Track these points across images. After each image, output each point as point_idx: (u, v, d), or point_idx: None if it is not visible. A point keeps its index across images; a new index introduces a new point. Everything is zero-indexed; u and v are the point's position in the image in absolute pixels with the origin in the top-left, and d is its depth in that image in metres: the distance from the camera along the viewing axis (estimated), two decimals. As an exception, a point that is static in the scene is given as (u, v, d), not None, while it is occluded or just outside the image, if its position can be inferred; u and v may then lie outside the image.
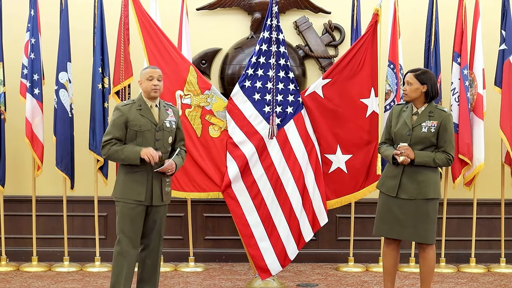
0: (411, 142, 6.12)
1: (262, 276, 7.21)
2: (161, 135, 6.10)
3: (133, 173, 6.06)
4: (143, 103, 6.14)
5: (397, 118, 6.29)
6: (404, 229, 6.20)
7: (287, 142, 7.24)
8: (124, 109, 6.12)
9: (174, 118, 6.23)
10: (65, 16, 8.24)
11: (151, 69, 6.22)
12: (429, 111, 6.16)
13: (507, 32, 8.36)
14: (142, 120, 6.06)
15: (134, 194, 6.04)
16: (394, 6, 8.18)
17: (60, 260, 8.46)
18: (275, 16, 7.22)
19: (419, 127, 6.13)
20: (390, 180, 6.27)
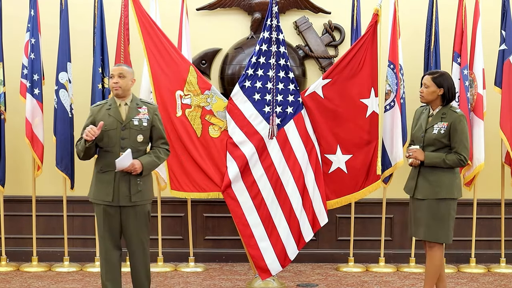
0: (424, 144, 6.23)
1: (262, 276, 7.21)
2: (127, 134, 6.06)
3: (101, 173, 6.08)
4: (113, 102, 6.17)
5: (417, 120, 6.43)
6: (419, 228, 6.27)
7: (287, 142, 7.24)
8: (94, 110, 6.20)
9: (147, 116, 6.15)
10: (65, 16, 8.24)
11: (114, 66, 6.23)
12: (442, 112, 6.24)
13: (507, 32, 8.36)
14: (108, 120, 6.05)
15: (102, 195, 6.06)
16: (394, 6, 8.18)
17: (60, 260, 8.47)
18: (275, 16, 7.22)
19: (431, 129, 6.22)
20: (410, 181, 6.41)
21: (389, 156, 8.11)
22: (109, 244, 6.11)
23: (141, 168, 6.01)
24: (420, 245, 8.51)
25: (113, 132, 6.04)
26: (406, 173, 8.35)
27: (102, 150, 6.12)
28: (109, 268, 6.16)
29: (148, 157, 6.11)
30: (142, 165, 6.02)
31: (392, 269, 8.47)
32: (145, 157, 6.09)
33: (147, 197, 6.18)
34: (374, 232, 8.77)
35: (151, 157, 6.13)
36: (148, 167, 6.11)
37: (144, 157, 6.08)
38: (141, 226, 6.15)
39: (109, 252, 6.13)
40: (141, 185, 6.08)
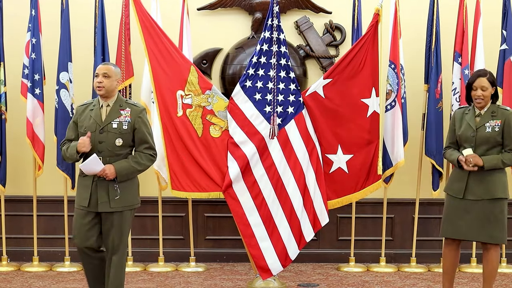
0: (476, 143, 6.20)
1: (263, 276, 7.21)
2: (105, 137, 5.87)
3: (82, 178, 5.95)
4: (97, 103, 6.01)
5: (460, 121, 6.36)
6: (470, 230, 6.24)
7: (288, 142, 7.24)
8: (79, 110, 6.08)
9: (128, 118, 5.94)
10: (66, 16, 8.24)
11: (99, 65, 6.06)
12: (491, 111, 6.24)
13: (508, 32, 8.36)
14: (89, 121, 5.92)
15: (80, 199, 5.93)
16: (395, 6, 8.17)
17: (61, 260, 8.46)
18: (276, 16, 7.22)
19: (483, 128, 6.20)
20: (457, 183, 6.32)
21: (390, 156, 8.10)
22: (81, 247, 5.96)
23: (114, 174, 5.79)
24: (422, 245, 8.54)
25: (91, 135, 5.86)
26: (406, 173, 8.41)
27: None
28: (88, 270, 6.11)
29: (125, 162, 5.89)
30: (116, 170, 5.82)
31: (393, 269, 8.47)
32: (122, 162, 5.87)
33: (128, 203, 5.96)
34: (375, 232, 8.77)
35: (129, 162, 5.91)
36: (123, 173, 5.86)
37: (121, 162, 5.87)
38: (120, 233, 5.95)
39: (85, 256, 6.01)
40: (120, 191, 5.85)
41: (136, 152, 6.04)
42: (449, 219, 6.34)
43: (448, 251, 6.45)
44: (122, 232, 5.96)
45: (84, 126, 5.91)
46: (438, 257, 8.49)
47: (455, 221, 6.29)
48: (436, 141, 8.26)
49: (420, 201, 8.53)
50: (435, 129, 8.28)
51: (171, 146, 7.12)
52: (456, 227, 6.30)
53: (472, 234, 6.27)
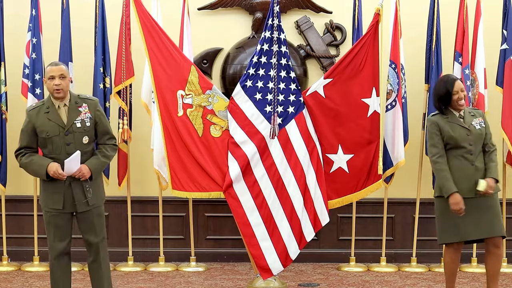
0: (474, 142, 6.22)
1: (264, 275, 7.21)
2: (72, 138, 5.77)
3: (49, 182, 5.80)
4: (50, 104, 5.81)
5: (449, 125, 6.28)
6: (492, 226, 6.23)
7: (288, 142, 7.23)
8: (31, 114, 5.81)
9: (88, 114, 5.85)
10: (67, 16, 8.25)
11: (51, 67, 5.83)
12: (468, 112, 6.34)
13: (509, 32, 8.36)
14: (49, 125, 5.74)
15: (51, 202, 5.83)
16: (395, 5, 8.17)
17: (61, 260, 8.46)
18: (276, 16, 7.21)
19: (473, 126, 6.26)
20: (464, 183, 6.22)
21: (390, 156, 8.11)
22: (59, 251, 5.90)
23: (89, 173, 5.77)
24: (423, 245, 8.54)
25: (56, 138, 5.74)
26: (407, 172, 8.41)
27: (46, 156, 5.84)
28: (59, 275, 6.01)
29: (96, 159, 5.87)
30: (90, 169, 5.79)
31: (394, 269, 8.47)
32: (92, 160, 5.84)
33: (101, 196, 6.02)
34: (375, 232, 8.78)
35: (99, 158, 5.89)
36: (97, 171, 5.89)
37: (91, 160, 5.83)
38: (100, 227, 5.96)
39: (60, 258, 5.94)
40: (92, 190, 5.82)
41: (99, 145, 5.99)
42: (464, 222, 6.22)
43: (456, 255, 6.39)
44: (103, 224, 6.00)
45: (46, 131, 5.74)
46: (438, 257, 8.49)
47: (471, 221, 6.22)
48: (436, 140, 8.26)
49: (421, 201, 8.54)
50: (435, 129, 8.27)
51: (171, 146, 7.12)
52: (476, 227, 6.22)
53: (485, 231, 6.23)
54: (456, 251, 6.38)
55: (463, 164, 6.23)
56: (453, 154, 6.26)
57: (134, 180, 8.50)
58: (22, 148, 5.86)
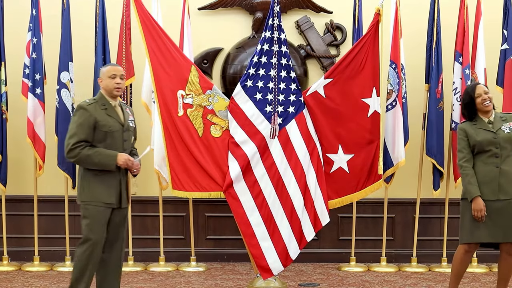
0: (501, 145, 6.19)
1: (264, 275, 7.21)
2: (127, 136, 6.00)
3: (104, 175, 5.87)
4: (106, 102, 5.97)
5: (474, 130, 6.28)
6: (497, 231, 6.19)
7: (288, 142, 7.23)
8: (90, 108, 5.89)
9: (132, 117, 6.14)
10: (67, 16, 8.25)
11: (112, 66, 6.08)
12: (499, 117, 6.33)
13: (509, 32, 8.37)
14: (110, 121, 5.90)
15: (104, 197, 5.87)
16: (395, 5, 8.16)
17: (62, 259, 8.48)
18: (276, 16, 7.21)
19: (501, 131, 6.23)
20: (485, 186, 6.22)
21: (390, 156, 8.10)
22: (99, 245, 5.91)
23: None
24: (423, 245, 8.55)
25: (117, 134, 5.91)
26: (407, 173, 8.41)
27: None
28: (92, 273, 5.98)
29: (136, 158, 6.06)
30: None
31: (394, 269, 8.47)
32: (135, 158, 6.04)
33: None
34: (375, 232, 8.78)
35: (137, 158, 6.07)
36: None
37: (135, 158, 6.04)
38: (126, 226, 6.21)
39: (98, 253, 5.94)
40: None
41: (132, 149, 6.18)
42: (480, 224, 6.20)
43: (468, 257, 6.40)
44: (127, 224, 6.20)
45: (108, 126, 5.88)
46: (439, 257, 8.50)
47: (487, 224, 6.19)
48: (437, 140, 8.27)
49: (421, 201, 8.54)
50: (436, 128, 8.28)
51: (171, 145, 7.13)
52: (492, 230, 6.19)
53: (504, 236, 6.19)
54: (467, 253, 6.37)
55: (488, 166, 6.21)
56: (479, 159, 6.25)
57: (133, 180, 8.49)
58: (82, 141, 5.83)
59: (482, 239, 6.28)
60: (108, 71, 5.99)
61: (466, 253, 6.38)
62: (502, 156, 6.19)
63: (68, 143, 5.84)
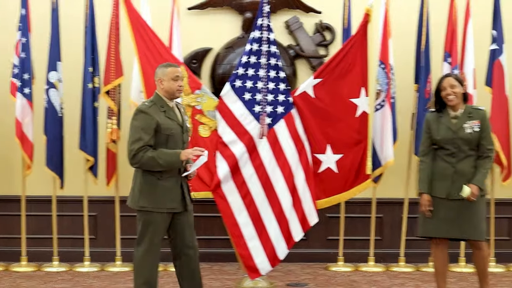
0: (458, 144, 6.21)
1: (252, 275, 7.21)
2: (186, 138, 5.90)
3: (163, 180, 5.72)
4: (164, 104, 5.79)
5: (437, 125, 6.33)
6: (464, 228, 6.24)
7: (277, 142, 7.24)
8: (152, 111, 5.70)
9: (187, 117, 6.10)
10: (56, 15, 8.22)
11: (174, 68, 5.85)
12: (467, 112, 6.29)
13: (498, 32, 8.40)
14: (171, 123, 5.75)
15: (168, 203, 5.76)
16: (385, 6, 8.19)
17: (49, 260, 8.44)
18: (266, 16, 7.22)
19: (462, 129, 6.22)
20: (439, 183, 6.29)
21: (379, 156, 8.11)
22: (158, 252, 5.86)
23: None
24: (411, 245, 8.55)
25: (178, 136, 5.78)
26: (395, 172, 8.42)
27: None
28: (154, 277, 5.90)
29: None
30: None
31: (382, 269, 8.48)
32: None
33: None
34: (363, 232, 8.78)
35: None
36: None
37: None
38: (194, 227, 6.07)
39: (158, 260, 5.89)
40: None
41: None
42: (433, 219, 6.31)
43: (439, 251, 6.46)
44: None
45: (170, 129, 5.73)
46: (426, 257, 8.50)
47: (440, 220, 6.28)
48: (425, 141, 8.29)
49: (409, 201, 8.54)
50: (424, 129, 8.30)
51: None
52: (441, 226, 6.29)
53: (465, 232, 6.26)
54: (437, 247, 6.45)
55: (443, 165, 6.27)
56: (439, 154, 6.33)
57: (122, 180, 8.46)
58: (145, 145, 5.64)
59: (428, 233, 6.42)
60: (171, 72, 5.79)
61: (436, 247, 6.46)
62: (459, 156, 6.22)
63: (132, 148, 5.64)
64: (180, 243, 5.95)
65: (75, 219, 8.62)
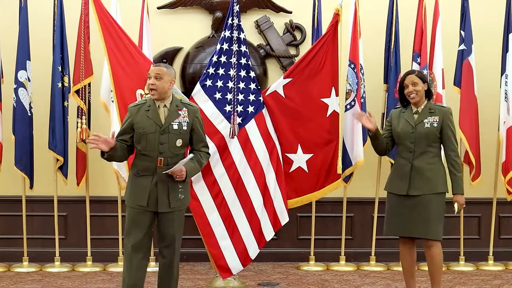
0: (416, 140, 6.25)
1: (223, 275, 7.21)
2: (166, 138, 5.83)
3: (138, 177, 5.86)
4: (152, 103, 5.90)
5: (398, 119, 6.42)
6: (415, 226, 6.28)
7: (248, 142, 7.24)
8: (133, 110, 5.93)
9: (187, 119, 5.93)
10: (25, 14, 8.15)
11: (152, 67, 5.97)
12: (428, 108, 6.32)
13: (466, 33, 8.46)
14: (147, 122, 5.83)
15: (137, 199, 5.84)
16: (354, 6, 8.22)
17: (19, 260, 8.38)
18: (236, 15, 7.22)
19: (422, 124, 6.26)
20: (398, 180, 6.37)
21: (349, 155, 8.13)
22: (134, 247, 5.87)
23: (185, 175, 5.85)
24: (381, 244, 8.59)
25: (151, 136, 5.81)
26: (366, 172, 8.45)
27: (139, 153, 5.90)
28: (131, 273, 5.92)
29: (192, 164, 5.91)
30: (187, 172, 5.85)
31: (353, 268, 8.52)
32: (189, 163, 5.87)
33: (186, 203, 6.05)
34: (334, 231, 8.81)
35: (194, 163, 5.93)
36: (191, 175, 5.97)
37: (188, 163, 5.86)
38: (178, 231, 6.00)
39: (133, 256, 5.89)
40: (182, 192, 5.91)
41: (194, 151, 6.04)
42: (394, 218, 6.38)
43: (406, 250, 6.50)
44: (180, 230, 6.03)
45: (142, 127, 5.82)
46: (397, 256, 8.50)
47: (401, 219, 6.33)
48: (395, 140, 8.33)
49: (380, 200, 8.56)
50: (394, 128, 8.33)
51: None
52: (402, 224, 6.33)
53: (417, 231, 6.30)
54: (404, 246, 6.51)
55: (402, 162, 6.36)
56: (398, 151, 6.43)
57: (93, 180, 8.44)
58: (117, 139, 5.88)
59: (387, 233, 6.50)
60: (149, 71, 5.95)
61: (403, 246, 6.52)
62: (416, 152, 6.27)
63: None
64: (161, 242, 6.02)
65: (45, 219, 8.58)
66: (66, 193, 8.41)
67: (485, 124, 8.64)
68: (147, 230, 5.90)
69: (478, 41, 8.62)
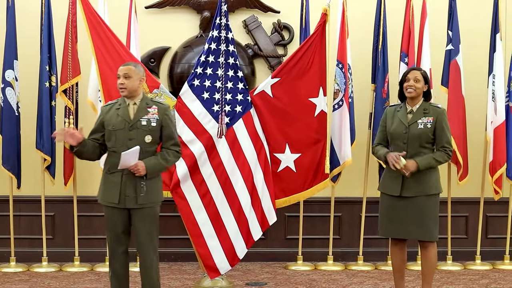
0: (409, 140, 6.24)
1: (211, 275, 7.21)
2: (135, 134, 5.87)
3: (109, 174, 5.95)
4: (122, 101, 6.01)
5: (392, 119, 6.41)
6: (409, 228, 6.28)
7: (236, 141, 7.24)
8: (103, 110, 6.09)
9: (156, 116, 5.95)
10: (12, 13, 8.13)
11: (121, 66, 6.06)
12: (423, 108, 6.32)
13: (454, 33, 8.48)
14: (116, 119, 5.92)
15: (108, 196, 5.93)
16: (342, 6, 8.22)
17: (6, 260, 8.35)
18: (224, 15, 7.22)
19: (415, 125, 6.26)
20: (391, 181, 6.35)
21: (337, 155, 8.14)
22: (115, 245, 6.04)
23: (144, 171, 5.81)
24: (369, 244, 8.60)
25: (120, 132, 5.89)
26: (354, 172, 8.46)
27: (109, 150, 5.97)
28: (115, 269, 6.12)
29: (154, 159, 5.90)
30: (146, 167, 5.83)
31: (341, 267, 8.52)
32: (151, 159, 5.88)
33: (155, 199, 6.01)
34: (322, 231, 8.81)
35: (158, 159, 5.93)
36: (153, 170, 5.90)
37: (150, 159, 5.87)
38: (150, 228, 5.98)
39: (114, 253, 6.06)
40: (146, 188, 5.88)
41: (163, 149, 6.06)
42: (388, 219, 6.38)
43: (397, 250, 6.51)
44: (151, 228, 6.01)
45: (112, 124, 5.92)
46: (385, 256, 8.57)
47: (394, 220, 6.33)
48: (383, 140, 8.34)
49: (367, 200, 8.60)
50: (382, 128, 8.35)
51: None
52: (396, 226, 6.34)
53: (411, 232, 6.31)
54: (395, 246, 6.53)
55: None
56: (390, 150, 6.39)
57: (80, 180, 8.42)
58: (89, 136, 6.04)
59: (390, 234, 6.50)
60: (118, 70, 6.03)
61: (394, 245, 6.54)
62: (408, 152, 6.24)
63: None
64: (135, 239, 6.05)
65: (33, 219, 8.56)
66: (54, 193, 8.39)
67: (473, 124, 8.67)
68: (124, 227, 5.98)
69: (466, 41, 8.64)
